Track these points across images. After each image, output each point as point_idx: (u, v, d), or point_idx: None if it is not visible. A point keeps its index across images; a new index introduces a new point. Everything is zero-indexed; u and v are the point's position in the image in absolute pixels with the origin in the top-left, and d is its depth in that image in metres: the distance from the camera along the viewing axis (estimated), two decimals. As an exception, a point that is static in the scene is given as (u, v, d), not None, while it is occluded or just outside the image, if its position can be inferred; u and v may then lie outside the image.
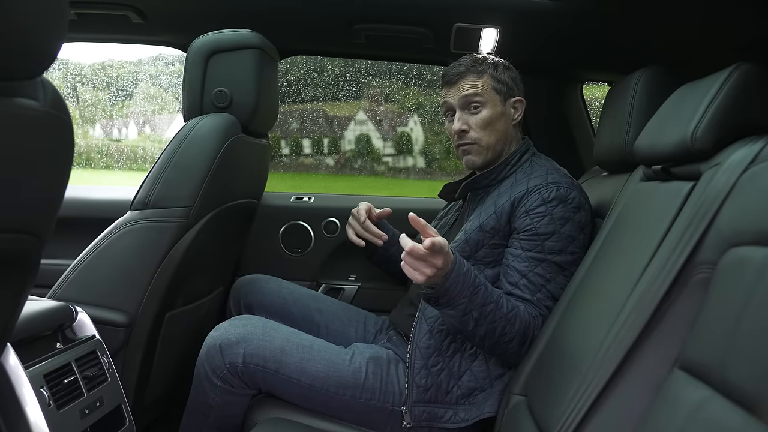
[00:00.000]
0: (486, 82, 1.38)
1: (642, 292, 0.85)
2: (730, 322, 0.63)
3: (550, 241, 1.26)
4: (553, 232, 1.26)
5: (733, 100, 0.91)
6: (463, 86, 1.38)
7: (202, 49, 1.52)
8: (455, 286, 1.14)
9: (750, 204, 0.73)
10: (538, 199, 1.28)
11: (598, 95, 2.16)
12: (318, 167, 3.24)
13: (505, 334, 1.20)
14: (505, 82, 1.40)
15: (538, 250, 1.26)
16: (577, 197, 1.31)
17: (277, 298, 1.59)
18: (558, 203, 1.28)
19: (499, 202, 1.33)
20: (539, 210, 1.28)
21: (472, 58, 1.42)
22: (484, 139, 1.38)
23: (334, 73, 2.84)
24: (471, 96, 1.37)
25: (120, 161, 3.08)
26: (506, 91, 1.40)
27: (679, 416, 0.66)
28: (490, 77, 1.39)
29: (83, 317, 1.22)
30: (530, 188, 1.31)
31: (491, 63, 1.41)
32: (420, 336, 1.31)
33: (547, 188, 1.29)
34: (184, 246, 1.38)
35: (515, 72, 1.44)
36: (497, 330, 1.20)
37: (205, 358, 1.30)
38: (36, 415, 0.95)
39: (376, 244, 1.55)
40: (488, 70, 1.39)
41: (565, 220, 1.28)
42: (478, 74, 1.38)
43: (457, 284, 1.14)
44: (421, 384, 1.27)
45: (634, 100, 1.31)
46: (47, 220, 0.68)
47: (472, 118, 1.38)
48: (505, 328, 1.20)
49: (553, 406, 0.95)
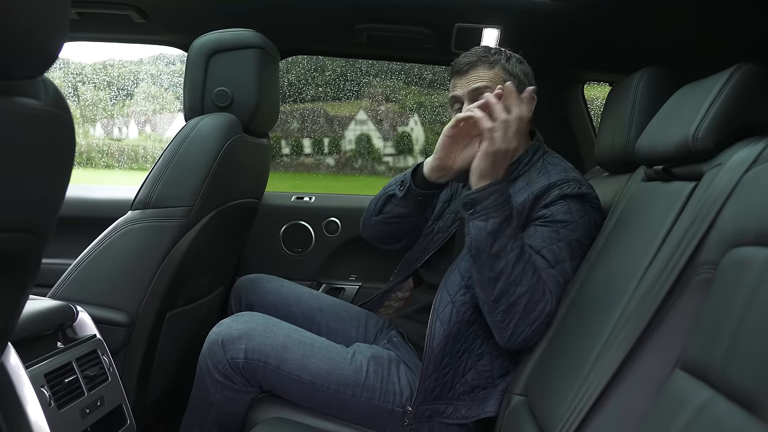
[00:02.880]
0: (497, 74, 1.33)
1: (643, 292, 0.85)
2: (732, 322, 0.63)
3: (567, 229, 1.24)
4: (571, 221, 1.24)
5: (735, 100, 0.91)
6: (473, 77, 1.33)
7: (203, 49, 1.52)
8: (498, 196, 1.15)
9: (752, 204, 0.73)
10: (558, 193, 1.26)
11: (599, 95, 2.16)
12: (319, 167, 3.24)
13: (521, 283, 1.16)
14: (516, 75, 1.34)
15: (554, 232, 1.23)
16: (596, 199, 1.29)
17: (279, 297, 1.59)
18: (578, 200, 1.26)
19: (518, 199, 1.28)
20: (558, 203, 1.25)
21: (484, 48, 1.35)
22: None
23: (334, 73, 2.84)
24: (481, 89, 1.31)
25: (121, 161, 3.09)
26: (518, 85, 1.31)
27: (681, 417, 0.66)
28: (502, 69, 1.33)
29: (84, 317, 1.22)
30: (552, 183, 1.27)
31: (504, 54, 1.35)
32: (437, 341, 1.27)
33: (569, 185, 1.26)
34: (185, 245, 1.38)
35: (528, 67, 1.38)
36: (516, 272, 1.16)
37: (207, 353, 1.30)
38: (37, 414, 0.95)
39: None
40: (500, 61, 1.34)
41: (583, 213, 1.25)
42: (490, 65, 1.33)
43: (501, 194, 1.16)
44: (429, 387, 1.27)
45: (635, 100, 1.31)
46: (48, 220, 0.67)
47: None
48: (525, 273, 1.16)
49: (554, 407, 0.95)
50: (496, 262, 1.17)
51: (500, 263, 1.16)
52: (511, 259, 1.16)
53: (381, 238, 1.56)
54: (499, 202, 1.16)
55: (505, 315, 1.19)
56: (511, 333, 1.20)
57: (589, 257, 1.22)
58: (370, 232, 1.55)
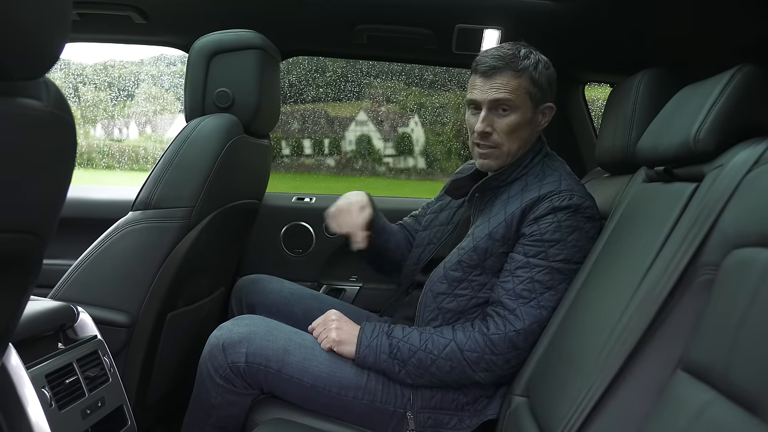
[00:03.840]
0: (521, 84, 1.26)
1: (645, 293, 0.85)
2: (734, 323, 0.63)
3: (555, 248, 1.22)
4: (559, 240, 1.22)
5: (736, 101, 0.91)
6: (497, 84, 1.26)
7: (204, 50, 1.52)
8: (369, 355, 1.26)
9: (753, 205, 0.73)
10: (548, 206, 1.24)
11: (600, 96, 2.16)
12: (319, 168, 3.24)
13: (441, 369, 1.23)
14: (541, 85, 1.28)
15: (541, 256, 1.22)
16: (590, 207, 1.27)
17: (279, 298, 1.59)
18: (569, 212, 1.23)
19: (509, 209, 1.27)
20: (548, 218, 1.23)
21: (513, 49, 1.27)
22: (506, 144, 1.29)
23: (335, 74, 2.85)
24: (502, 101, 1.26)
25: (121, 161, 3.08)
26: (540, 96, 1.29)
27: (682, 418, 0.66)
28: (529, 79, 1.26)
29: (85, 317, 1.22)
30: (542, 195, 1.25)
31: (533, 59, 1.27)
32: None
33: (560, 196, 1.24)
34: (185, 246, 1.38)
35: (552, 71, 1.31)
36: (432, 370, 1.24)
37: (208, 357, 1.30)
38: (37, 415, 0.95)
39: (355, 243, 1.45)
40: (528, 68, 1.26)
41: (573, 229, 1.23)
42: (517, 73, 1.25)
43: (369, 354, 1.26)
44: (426, 390, 1.27)
45: (636, 101, 1.31)
46: (49, 220, 0.68)
47: (499, 120, 1.28)
48: (440, 365, 1.23)
49: (555, 408, 0.95)
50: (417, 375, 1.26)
51: (417, 373, 1.25)
52: (418, 362, 1.24)
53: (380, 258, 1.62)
54: (373, 356, 1.27)
55: (453, 377, 1.25)
56: (473, 380, 1.25)
57: (590, 258, 1.22)
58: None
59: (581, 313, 1.09)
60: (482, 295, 1.28)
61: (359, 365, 1.28)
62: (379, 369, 1.27)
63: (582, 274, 1.22)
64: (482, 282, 1.28)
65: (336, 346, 1.29)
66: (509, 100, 1.26)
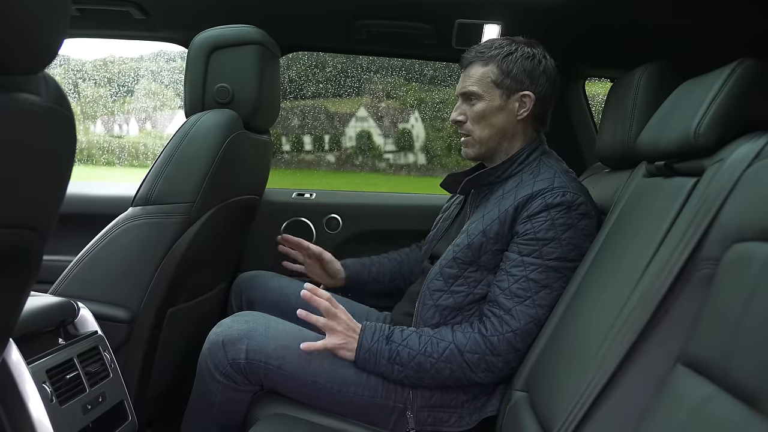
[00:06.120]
0: (486, 73, 1.32)
1: (645, 288, 0.85)
2: (734, 318, 0.63)
3: (549, 247, 1.22)
4: (553, 238, 1.22)
5: (737, 96, 0.91)
6: (466, 77, 1.35)
7: (204, 45, 1.51)
8: (369, 360, 1.26)
9: (754, 200, 0.72)
10: (541, 203, 1.23)
11: (600, 91, 2.16)
12: (319, 164, 3.24)
13: (441, 372, 1.23)
14: (512, 74, 1.30)
15: (536, 255, 1.22)
16: (584, 204, 1.26)
17: (279, 294, 1.59)
18: (562, 209, 1.23)
19: (503, 206, 1.27)
20: (541, 215, 1.23)
21: (489, 42, 1.35)
22: (477, 132, 1.34)
23: (335, 70, 2.84)
24: (468, 87, 1.33)
25: (121, 157, 3.08)
26: (510, 84, 1.31)
27: (682, 412, 0.66)
28: (496, 68, 1.31)
29: (85, 313, 1.22)
30: (535, 192, 1.25)
31: (507, 51, 1.31)
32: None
33: (553, 193, 1.24)
34: (185, 242, 1.38)
35: (538, 64, 1.32)
36: (431, 374, 1.24)
37: (208, 354, 1.30)
38: (38, 410, 0.95)
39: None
40: (496, 58, 1.31)
41: (568, 226, 1.23)
42: (484, 62, 1.32)
43: (369, 359, 1.25)
44: (425, 389, 1.27)
45: (636, 96, 1.31)
46: (49, 216, 0.67)
47: (470, 109, 1.34)
48: (440, 369, 1.23)
49: (555, 402, 0.95)
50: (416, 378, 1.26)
51: (414, 376, 1.25)
52: (417, 366, 1.24)
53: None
54: (373, 360, 1.26)
55: (453, 379, 1.25)
56: (473, 381, 1.25)
57: (590, 253, 1.22)
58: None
59: (581, 307, 1.10)
60: (478, 291, 1.28)
61: (359, 369, 1.28)
62: (378, 373, 1.27)
63: (582, 268, 1.22)
64: (477, 278, 1.28)
65: (336, 350, 1.27)
66: (474, 91, 1.33)
